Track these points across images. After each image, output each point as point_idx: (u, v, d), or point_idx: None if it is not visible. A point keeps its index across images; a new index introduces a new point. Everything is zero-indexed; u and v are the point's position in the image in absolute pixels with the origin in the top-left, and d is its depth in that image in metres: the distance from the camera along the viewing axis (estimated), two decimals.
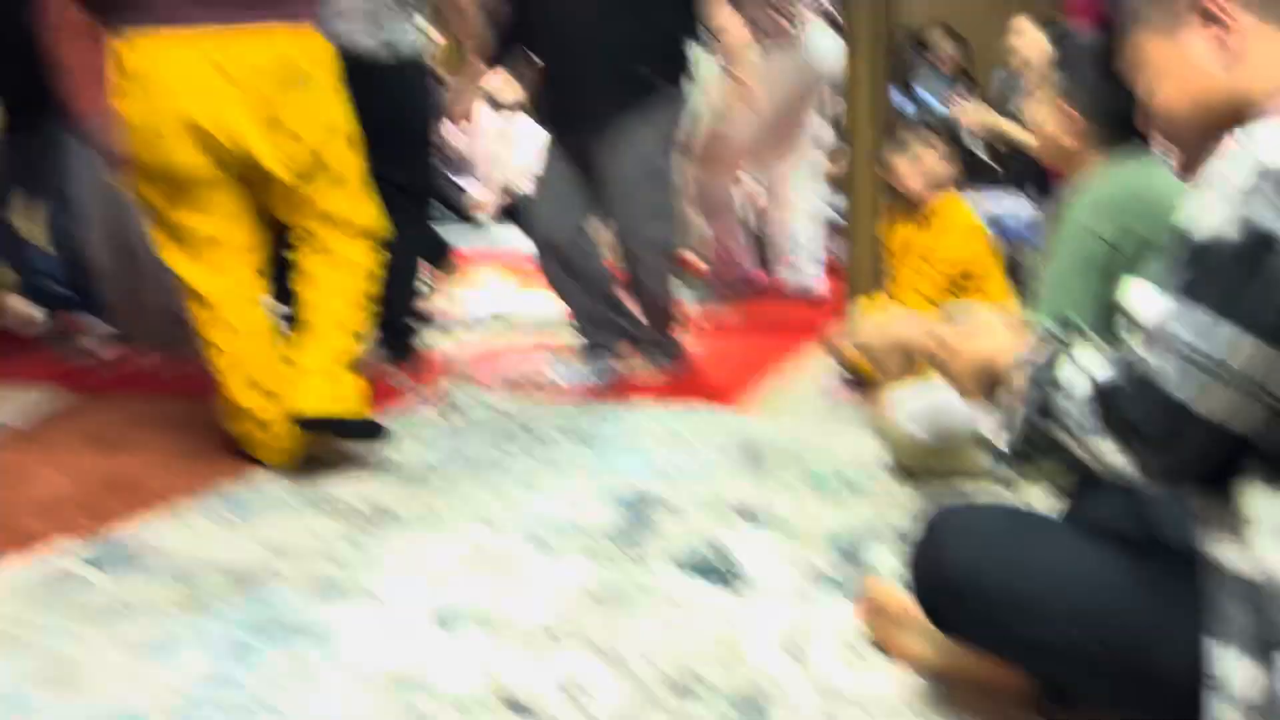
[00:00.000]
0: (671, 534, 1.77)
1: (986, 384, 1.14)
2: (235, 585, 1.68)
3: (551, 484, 2.03)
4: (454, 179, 6.23)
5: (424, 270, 3.23)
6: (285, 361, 2.10)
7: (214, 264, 2.04)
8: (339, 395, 2.08)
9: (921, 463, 1.87)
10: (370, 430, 2.12)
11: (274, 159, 1.96)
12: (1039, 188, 3.70)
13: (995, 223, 2.75)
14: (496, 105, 6.17)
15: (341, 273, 2.13)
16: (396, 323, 3.02)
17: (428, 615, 1.53)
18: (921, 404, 1.85)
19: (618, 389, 2.65)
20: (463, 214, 6.13)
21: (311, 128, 2.00)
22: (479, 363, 3.01)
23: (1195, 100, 1.02)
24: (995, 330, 1.16)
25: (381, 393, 2.69)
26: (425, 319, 3.18)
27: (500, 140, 6.28)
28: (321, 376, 2.07)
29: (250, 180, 2.00)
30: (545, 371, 2.81)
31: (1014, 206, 3.43)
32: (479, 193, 6.24)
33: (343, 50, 2.66)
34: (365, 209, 2.17)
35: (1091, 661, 1.03)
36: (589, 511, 1.88)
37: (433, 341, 3.26)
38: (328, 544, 1.83)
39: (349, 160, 2.12)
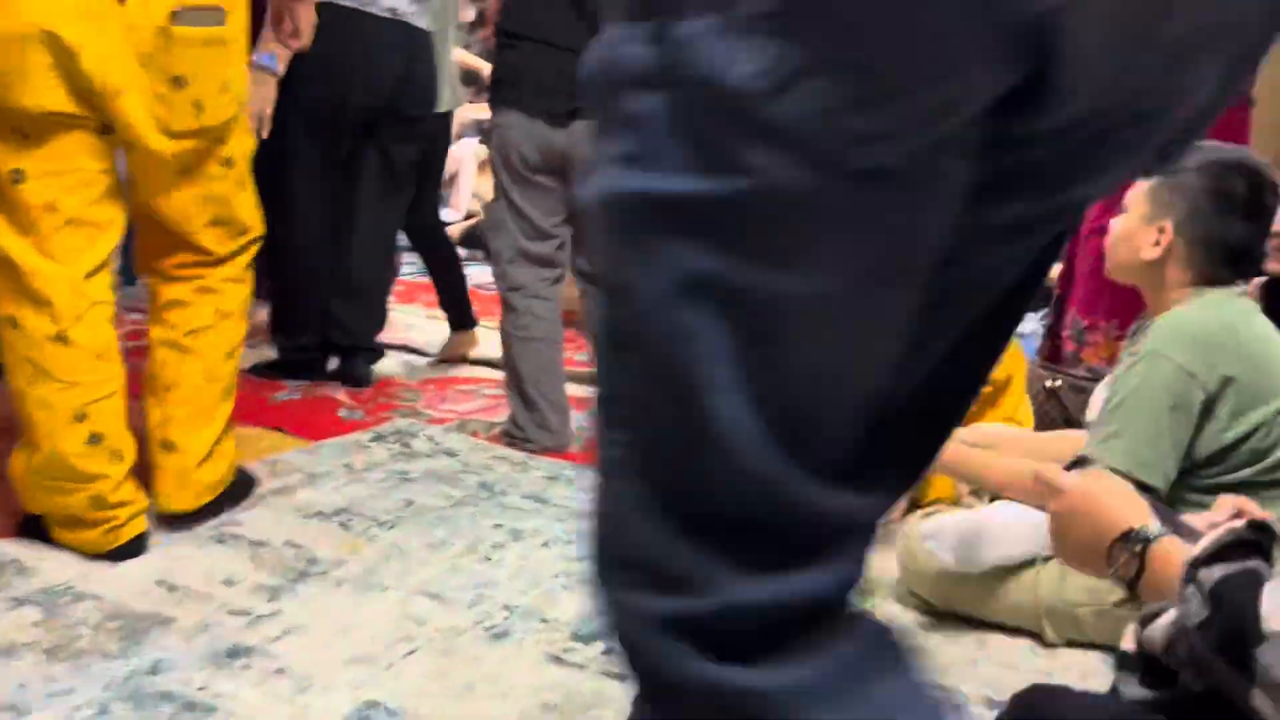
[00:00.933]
0: None
1: (1102, 558, 0.91)
2: (116, 631, 1.37)
3: (511, 557, 1.75)
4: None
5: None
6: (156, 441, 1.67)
7: (51, 242, 1.44)
8: (217, 479, 1.72)
9: (944, 596, 1.63)
10: (242, 492, 1.82)
11: (144, 112, 1.45)
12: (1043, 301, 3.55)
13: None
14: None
15: (221, 304, 1.68)
16: (357, 348, 2.75)
17: (350, 706, 1.24)
18: (955, 528, 1.61)
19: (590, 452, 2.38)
20: None
21: (206, 79, 1.50)
22: (439, 400, 2.72)
23: None
24: (1122, 494, 0.93)
25: (328, 423, 2.40)
26: (381, 347, 2.90)
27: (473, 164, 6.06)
28: (199, 466, 1.68)
29: (110, 136, 1.50)
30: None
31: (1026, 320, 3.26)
32: (451, 218, 5.97)
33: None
34: (251, 205, 1.72)
35: None
36: (554, 599, 1.60)
37: (389, 370, 2.97)
38: (240, 594, 1.52)
39: (242, 140, 1.67)
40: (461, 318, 3.11)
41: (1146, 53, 0.47)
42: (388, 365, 3.01)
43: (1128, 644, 0.86)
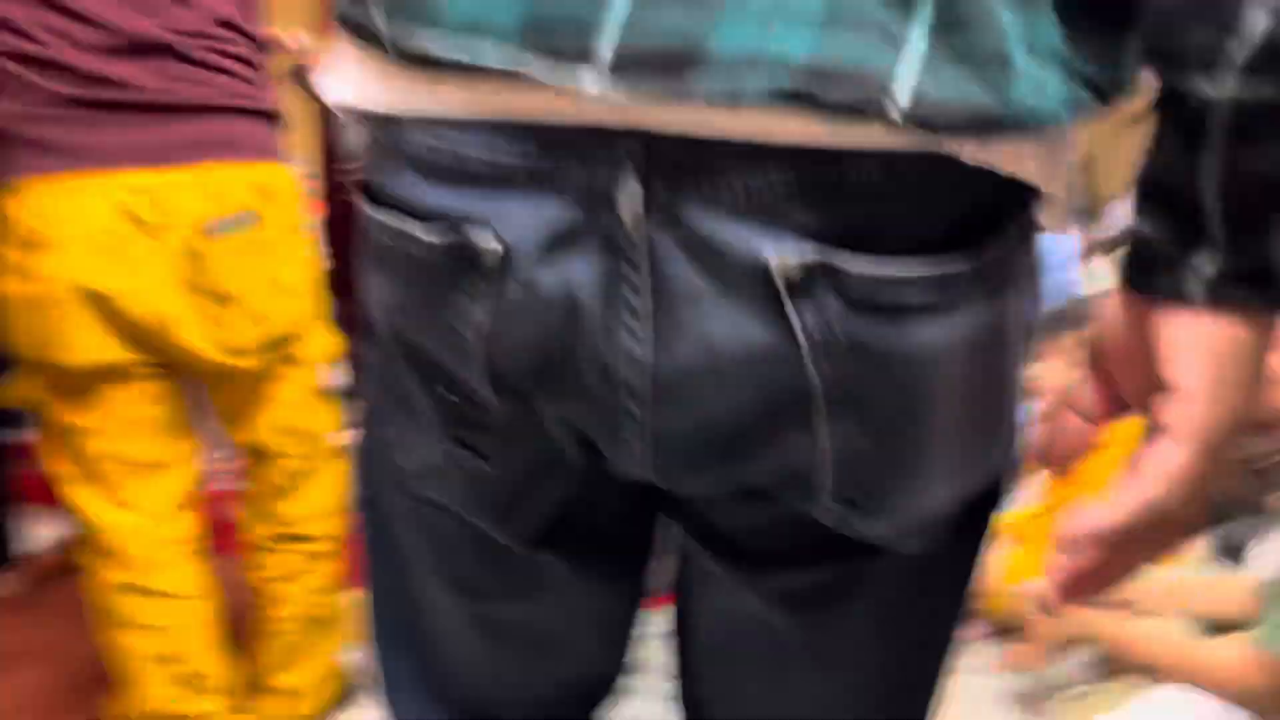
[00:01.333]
0: None
1: None
2: None
3: None
4: None
5: None
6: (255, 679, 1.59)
7: (119, 490, 1.39)
8: (322, 709, 1.65)
9: None
10: (342, 699, 1.71)
11: (199, 337, 1.36)
12: None
13: None
14: None
15: (313, 548, 1.58)
16: None
17: None
18: None
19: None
20: None
21: (254, 284, 1.40)
22: None
23: None
24: None
25: None
26: None
27: None
28: (306, 703, 1.62)
29: (176, 367, 1.41)
30: None
31: None
32: None
33: None
34: (326, 414, 1.59)
35: None
36: None
37: None
38: None
39: (319, 340, 1.55)
40: None
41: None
42: None
43: None
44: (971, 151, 0.42)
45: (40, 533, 2.30)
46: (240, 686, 1.59)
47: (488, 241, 0.46)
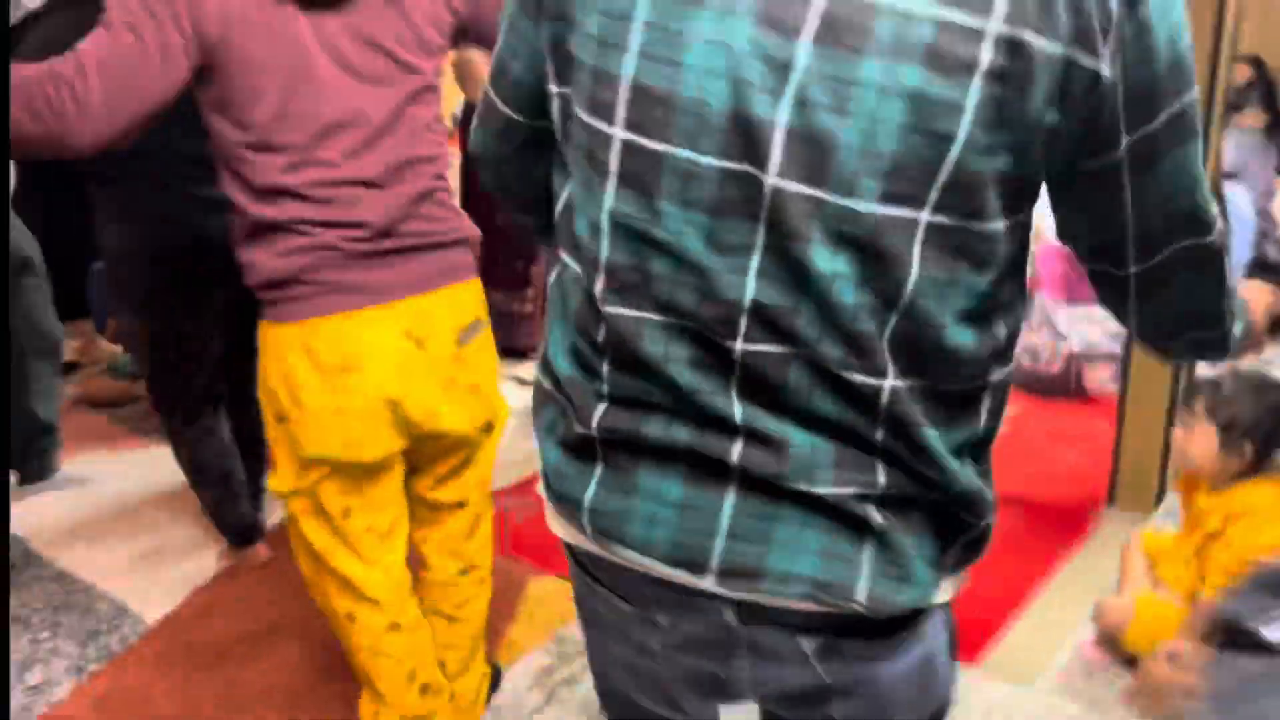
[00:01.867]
0: None
1: None
2: None
3: None
4: None
5: None
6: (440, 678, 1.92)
7: (370, 554, 1.73)
8: (483, 704, 2.03)
9: None
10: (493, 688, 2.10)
11: (457, 419, 1.71)
12: None
13: None
14: None
15: (480, 574, 1.96)
16: None
17: None
18: None
19: None
20: None
21: (487, 374, 1.77)
22: None
23: None
24: None
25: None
26: None
27: None
28: (473, 705, 1.98)
29: (415, 447, 1.74)
30: None
31: None
32: None
33: None
34: (489, 465, 1.93)
35: None
36: None
37: None
38: None
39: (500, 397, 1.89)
40: None
41: None
42: None
43: None
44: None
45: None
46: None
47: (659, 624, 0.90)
